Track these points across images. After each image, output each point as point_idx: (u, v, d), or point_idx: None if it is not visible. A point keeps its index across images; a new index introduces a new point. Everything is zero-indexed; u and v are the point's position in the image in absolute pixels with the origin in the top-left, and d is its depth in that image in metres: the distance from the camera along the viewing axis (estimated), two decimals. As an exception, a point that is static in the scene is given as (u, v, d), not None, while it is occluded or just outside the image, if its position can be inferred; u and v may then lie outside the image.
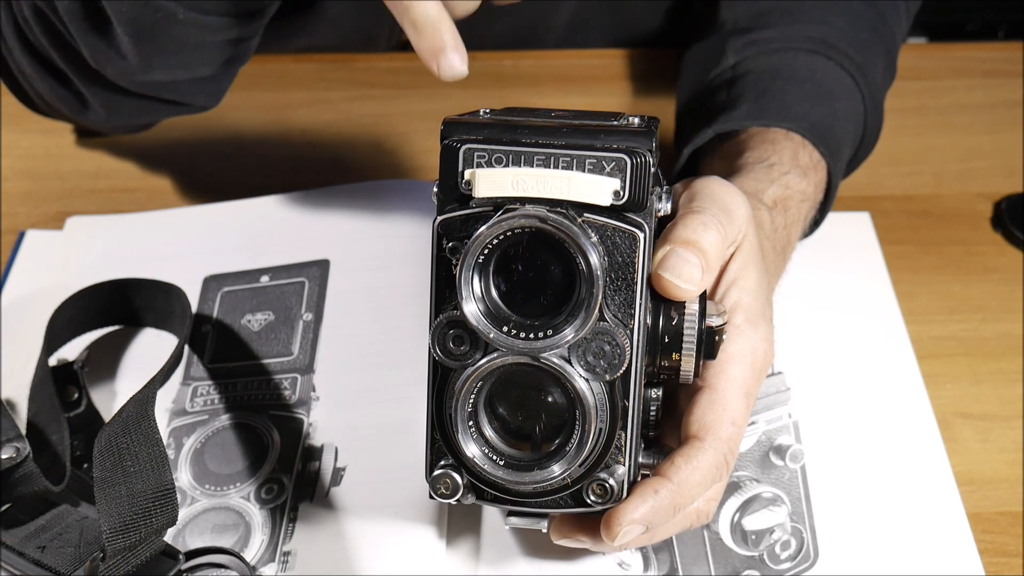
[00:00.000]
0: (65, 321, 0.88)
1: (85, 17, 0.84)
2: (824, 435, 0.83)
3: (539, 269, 0.63)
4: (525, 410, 0.66)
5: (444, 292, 0.65)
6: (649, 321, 0.66)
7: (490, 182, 0.63)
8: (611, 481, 0.66)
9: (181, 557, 0.70)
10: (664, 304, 0.67)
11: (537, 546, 0.76)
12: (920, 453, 0.83)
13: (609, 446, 0.66)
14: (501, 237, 0.62)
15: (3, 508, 0.76)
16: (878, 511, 0.80)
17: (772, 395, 0.85)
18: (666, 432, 0.72)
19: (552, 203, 0.62)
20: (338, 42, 1.18)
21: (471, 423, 0.66)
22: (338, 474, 0.81)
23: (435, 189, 0.65)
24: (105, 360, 0.89)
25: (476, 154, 0.63)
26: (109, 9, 0.82)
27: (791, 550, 0.78)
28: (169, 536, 0.74)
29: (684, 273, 0.66)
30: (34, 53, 0.91)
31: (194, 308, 0.91)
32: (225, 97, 1.14)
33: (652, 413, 0.69)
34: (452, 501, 0.68)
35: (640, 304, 0.64)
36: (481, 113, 0.67)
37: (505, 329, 0.63)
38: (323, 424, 0.84)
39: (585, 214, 0.63)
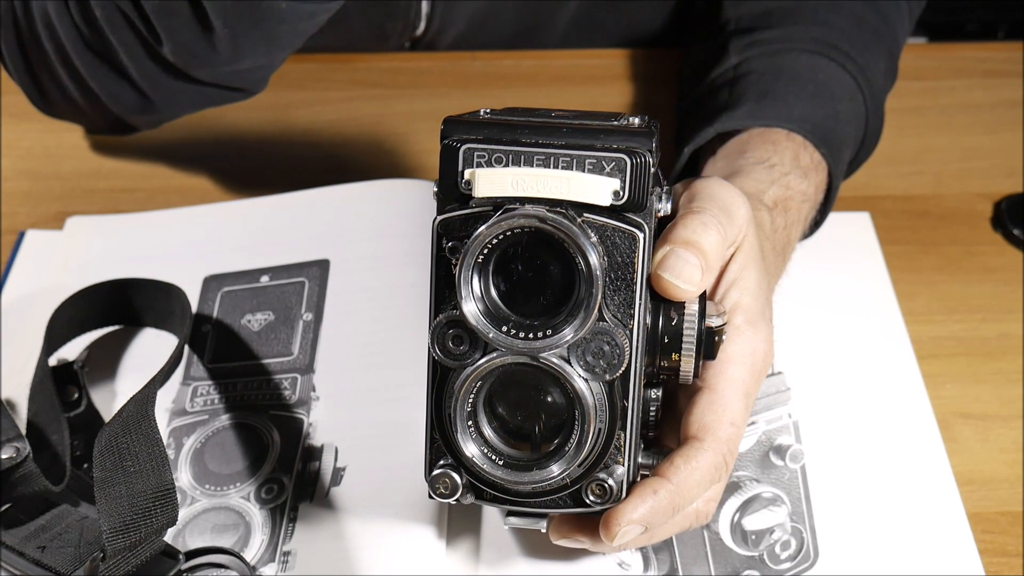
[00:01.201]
0: (65, 321, 0.88)
1: (175, 15, 0.85)
2: (824, 435, 0.83)
3: (538, 269, 0.63)
4: (524, 410, 0.66)
5: (444, 292, 0.65)
6: (649, 321, 0.66)
7: (490, 182, 0.63)
8: (610, 481, 0.66)
9: (181, 557, 0.70)
10: (664, 304, 0.67)
11: (537, 546, 0.76)
12: (920, 453, 0.83)
13: (608, 446, 0.66)
14: (501, 237, 0.62)
15: (3, 508, 0.76)
16: (878, 511, 0.80)
17: (772, 395, 0.85)
18: (665, 432, 0.72)
19: (552, 203, 0.62)
20: (351, 39, 1.18)
21: (470, 423, 0.66)
22: (338, 474, 0.81)
23: (435, 188, 0.65)
24: (105, 360, 0.89)
25: (476, 154, 0.63)
26: (210, 7, 0.83)
27: (791, 550, 0.78)
28: (169, 536, 0.74)
29: (684, 273, 0.66)
30: (94, 51, 0.91)
31: (194, 308, 0.91)
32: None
33: (651, 413, 0.69)
34: (451, 501, 0.68)
35: (639, 304, 0.64)
36: (481, 113, 0.67)
37: (504, 329, 0.63)
38: (323, 424, 0.84)
39: (585, 214, 0.63)
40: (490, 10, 1.18)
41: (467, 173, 0.63)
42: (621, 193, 0.63)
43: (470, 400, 0.65)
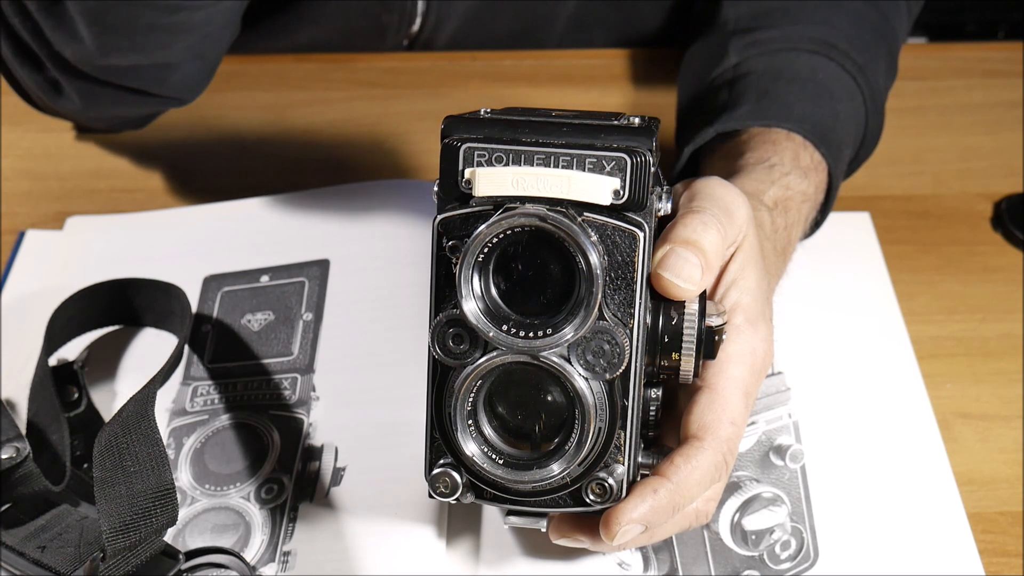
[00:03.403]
0: (65, 321, 0.88)
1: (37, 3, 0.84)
2: (824, 435, 0.83)
3: (539, 268, 0.63)
4: (524, 409, 0.66)
5: (444, 291, 0.65)
6: (649, 320, 0.66)
7: (490, 181, 0.63)
8: (610, 480, 0.66)
9: (181, 557, 0.70)
10: (664, 304, 0.67)
11: (537, 546, 0.76)
12: (920, 453, 0.83)
13: (608, 445, 0.66)
14: (501, 236, 0.62)
15: (3, 508, 0.76)
16: (878, 511, 0.79)
17: (772, 395, 0.85)
18: (666, 432, 0.72)
19: (552, 202, 0.63)
20: (347, 32, 1.17)
21: (470, 422, 0.66)
22: (338, 474, 0.81)
23: (435, 188, 0.65)
24: (105, 360, 0.89)
25: (476, 153, 0.63)
26: None
27: (791, 550, 0.78)
28: (169, 536, 0.74)
29: (684, 272, 0.66)
30: (13, 38, 0.91)
31: (194, 308, 0.91)
32: (225, 97, 1.14)
33: (652, 413, 0.69)
34: (451, 500, 0.68)
35: (640, 303, 0.64)
36: (481, 113, 0.67)
37: (505, 328, 0.63)
38: (323, 424, 0.84)
39: (585, 213, 0.63)
40: (486, 6, 1.18)
41: (467, 172, 0.63)
42: (621, 192, 0.63)
43: (470, 399, 0.65)
